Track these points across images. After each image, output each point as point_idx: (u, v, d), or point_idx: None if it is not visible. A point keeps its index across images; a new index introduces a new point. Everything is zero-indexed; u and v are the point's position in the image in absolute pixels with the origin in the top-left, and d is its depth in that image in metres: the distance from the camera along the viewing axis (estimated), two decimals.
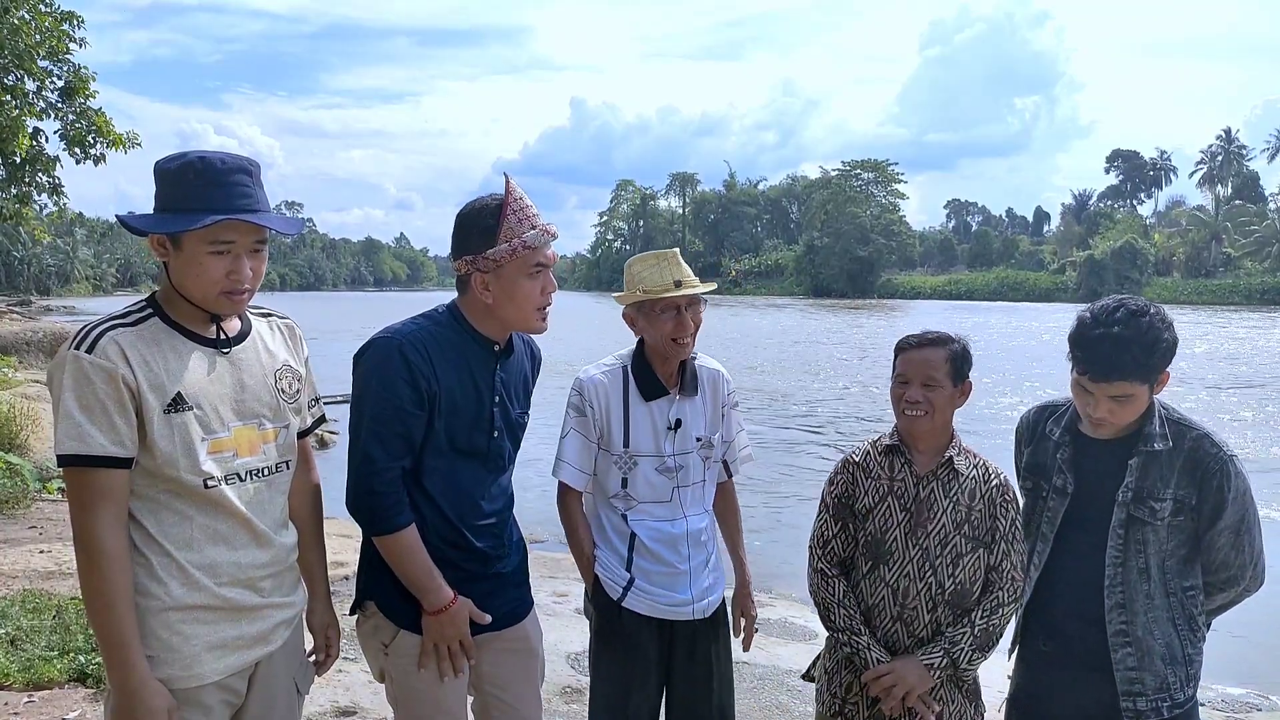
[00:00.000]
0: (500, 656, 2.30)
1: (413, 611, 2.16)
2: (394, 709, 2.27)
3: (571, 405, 2.61)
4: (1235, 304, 61.88)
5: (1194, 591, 2.23)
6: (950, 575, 2.28)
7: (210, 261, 1.81)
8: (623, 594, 2.60)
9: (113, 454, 1.73)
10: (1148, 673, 2.19)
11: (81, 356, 1.72)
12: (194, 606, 1.83)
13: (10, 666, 3.89)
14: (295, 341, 2.11)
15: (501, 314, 2.19)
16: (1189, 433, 2.20)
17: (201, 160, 1.81)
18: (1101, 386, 2.13)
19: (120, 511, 1.76)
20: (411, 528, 2.10)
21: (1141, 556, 2.20)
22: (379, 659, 2.24)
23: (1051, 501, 2.32)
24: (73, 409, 1.71)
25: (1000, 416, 12.90)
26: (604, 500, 2.65)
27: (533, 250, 2.13)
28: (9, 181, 10.22)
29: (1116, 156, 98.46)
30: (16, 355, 16.29)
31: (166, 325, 1.84)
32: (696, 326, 2.57)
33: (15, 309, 35.40)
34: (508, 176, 2.17)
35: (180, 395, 1.80)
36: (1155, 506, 2.18)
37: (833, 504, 2.44)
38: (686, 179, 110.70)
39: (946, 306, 62.00)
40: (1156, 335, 2.10)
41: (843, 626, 2.35)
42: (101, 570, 1.73)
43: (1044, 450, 2.36)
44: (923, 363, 2.29)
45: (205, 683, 1.85)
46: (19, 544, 6.21)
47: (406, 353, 2.09)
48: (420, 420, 2.11)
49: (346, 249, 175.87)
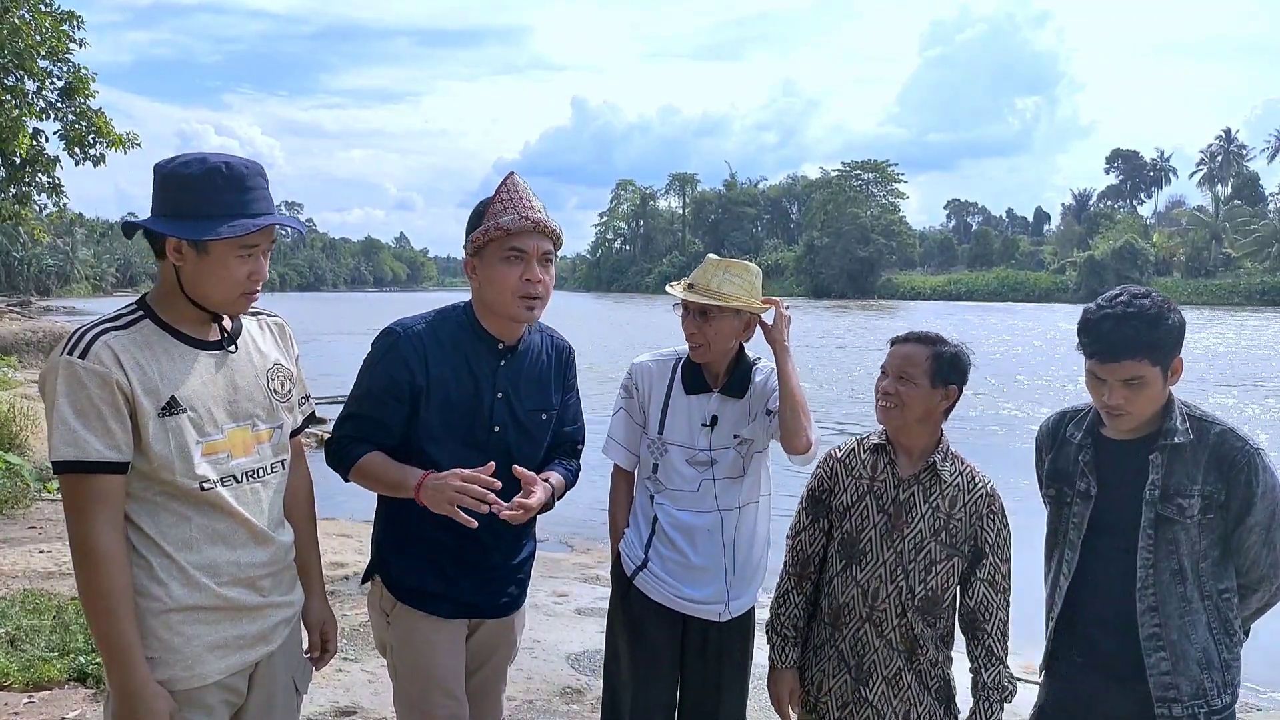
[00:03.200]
0: (486, 637, 2.42)
1: (407, 586, 2.30)
2: (393, 678, 2.36)
3: (622, 386, 2.74)
4: (1235, 304, 61.90)
5: (1229, 594, 2.16)
6: (922, 581, 2.29)
7: (236, 265, 1.84)
8: (634, 573, 2.64)
9: (109, 459, 1.72)
10: (1183, 678, 2.11)
11: (75, 361, 1.71)
12: (195, 607, 1.83)
13: (10, 666, 3.89)
14: (285, 340, 2.12)
15: (487, 300, 2.26)
16: (1212, 428, 2.14)
17: (227, 166, 1.82)
18: (1111, 368, 2.08)
19: (117, 515, 1.76)
20: (368, 455, 2.23)
21: (1174, 557, 2.12)
22: (381, 629, 2.37)
23: (1076, 507, 2.25)
24: (68, 415, 1.70)
25: (1007, 422, 12.89)
26: (640, 480, 2.74)
27: (507, 234, 2.18)
28: (9, 181, 10.23)
29: (1116, 156, 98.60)
30: (16, 355, 16.30)
31: (158, 327, 1.84)
32: (711, 335, 2.54)
33: (15, 309, 35.39)
34: (513, 173, 2.28)
35: (174, 399, 1.80)
36: (1183, 504, 2.11)
37: (807, 497, 2.47)
38: (686, 179, 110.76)
39: (957, 307, 61.95)
40: (1160, 312, 2.06)
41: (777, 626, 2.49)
42: (100, 574, 1.72)
43: (1065, 455, 2.30)
44: (903, 357, 2.30)
45: (207, 683, 1.85)
46: (19, 544, 6.21)
47: (400, 345, 2.24)
48: (398, 410, 2.24)
49: (346, 249, 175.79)
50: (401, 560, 2.30)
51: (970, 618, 2.34)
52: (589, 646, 4.88)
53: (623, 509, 2.76)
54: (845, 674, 2.37)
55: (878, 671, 2.34)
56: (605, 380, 16.86)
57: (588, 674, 4.52)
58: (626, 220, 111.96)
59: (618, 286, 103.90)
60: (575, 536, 7.84)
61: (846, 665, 2.37)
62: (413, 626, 2.28)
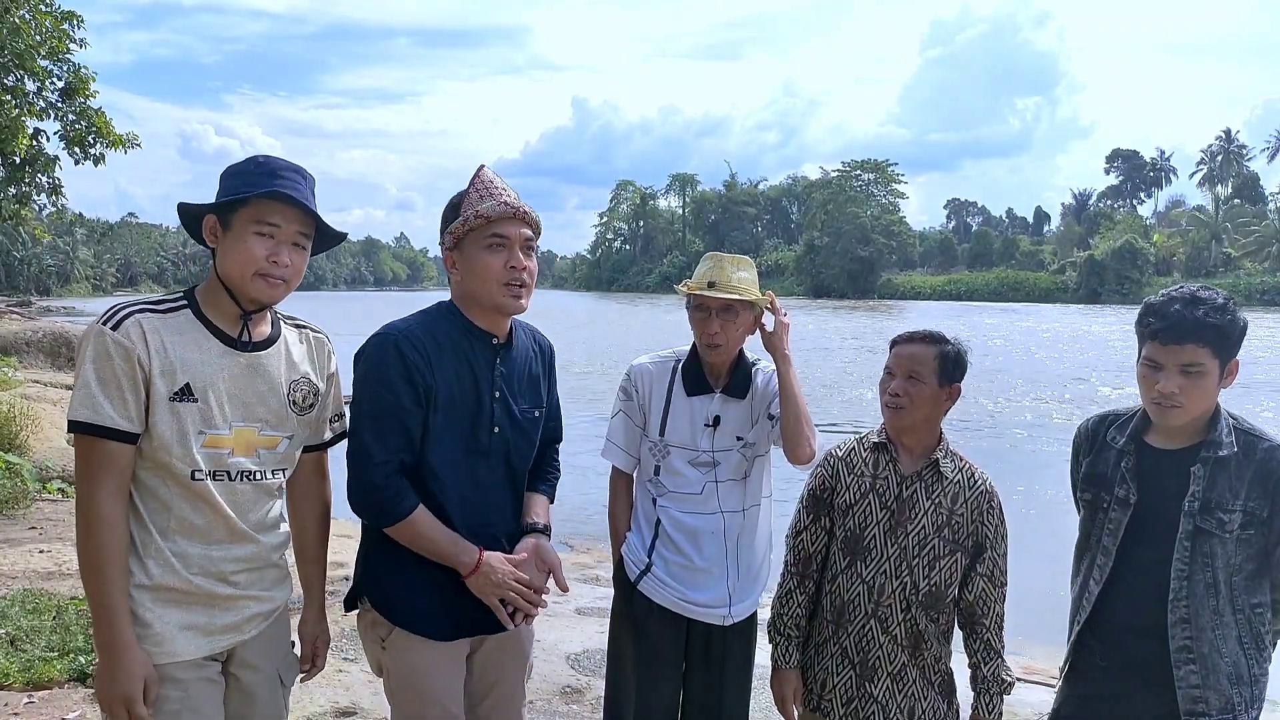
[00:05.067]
0: (492, 654, 2.31)
1: (404, 610, 2.18)
2: (390, 702, 2.28)
3: (620, 388, 2.72)
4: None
5: (1261, 609, 2.13)
6: (926, 576, 2.30)
7: (254, 241, 1.90)
8: (639, 577, 2.63)
9: (120, 428, 1.82)
10: (1212, 691, 2.08)
11: (106, 332, 1.82)
12: (168, 588, 1.90)
13: (10, 666, 3.88)
14: (322, 355, 2.15)
15: (472, 290, 2.20)
16: (1260, 443, 2.11)
17: (265, 156, 1.99)
18: (1174, 351, 2.05)
19: (122, 483, 1.85)
20: (419, 510, 2.10)
21: (1209, 570, 2.09)
22: (377, 653, 2.26)
23: (1114, 513, 2.21)
24: (90, 379, 1.81)
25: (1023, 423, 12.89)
26: (641, 482, 2.72)
27: (488, 221, 2.14)
28: (9, 181, 10.20)
29: (1116, 156, 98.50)
30: (16, 355, 16.26)
31: (195, 319, 1.92)
32: (732, 334, 2.54)
33: (15, 309, 35.34)
34: (483, 165, 2.24)
35: (189, 386, 1.88)
36: (1224, 518, 2.08)
37: (808, 496, 2.47)
38: (687, 179, 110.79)
39: (959, 307, 61.90)
40: (1228, 304, 2.07)
41: (780, 628, 2.48)
42: (98, 535, 1.82)
43: (1105, 460, 2.26)
44: (909, 357, 2.31)
45: (176, 659, 1.90)
46: (19, 544, 6.20)
47: (403, 349, 2.10)
48: (417, 416, 2.11)
49: (346, 249, 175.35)
50: (397, 582, 2.17)
51: (969, 612, 2.35)
52: (589, 646, 4.88)
53: (623, 512, 2.74)
54: (849, 671, 2.38)
55: (882, 667, 2.34)
56: (607, 381, 16.86)
57: (588, 674, 4.51)
58: (627, 220, 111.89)
59: (618, 286, 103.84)
60: (575, 536, 7.84)
61: (851, 662, 2.37)
62: (410, 649, 2.18)
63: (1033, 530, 6.95)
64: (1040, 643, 4.86)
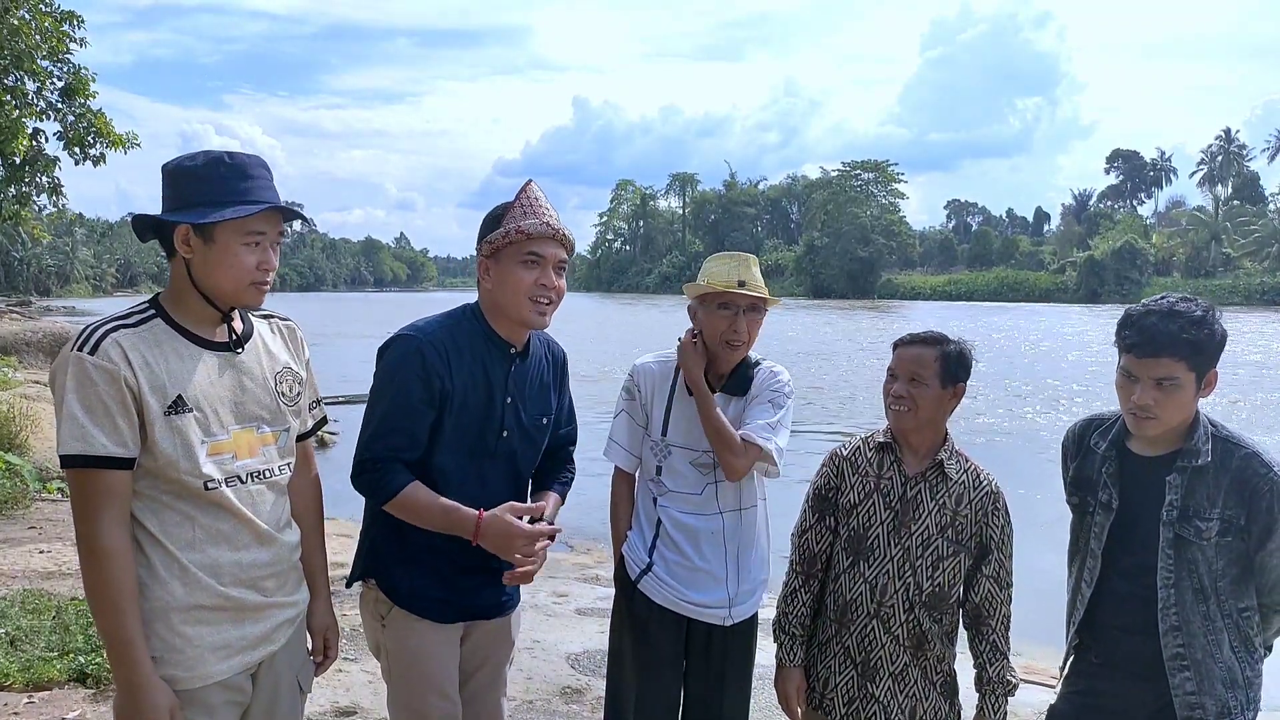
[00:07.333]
0: (481, 640, 2.40)
1: (406, 590, 2.25)
2: (389, 683, 2.33)
3: (623, 388, 2.72)
4: (1235, 304, 61.80)
5: (1249, 612, 2.14)
6: (929, 577, 2.30)
7: (244, 253, 1.85)
8: (639, 576, 2.63)
9: (115, 454, 1.74)
10: (1208, 697, 2.09)
11: (84, 357, 1.73)
12: (196, 607, 1.84)
13: (10, 667, 3.88)
14: (296, 343, 2.12)
15: (499, 301, 2.24)
16: (1237, 450, 2.11)
17: (230, 155, 1.87)
18: (1148, 364, 2.06)
19: (123, 511, 1.77)
20: (413, 485, 2.16)
21: (1195, 577, 2.11)
22: (376, 632, 2.33)
23: (1098, 517, 2.24)
24: (75, 409, 1.72)
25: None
26: (643, 482, 2.72)
27: (528, 237, 2.19)
28: (8, 182, 10.20)
29: (1116, 156, 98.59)
30: (16, 355, 16.27)
31: (169, 327, 1.86)
32: (754, 333, 2.57)
33: (15, 309, 35.35)
34: (531, 180, 2.29)
35: (181, 398, 1.81)
36: (1201, 526, 2.09)
37: (813, 495, 2.47)
38: (687, 179, 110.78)
39: (960, 307, 61.90)
40: (1206, 316, 2.06)
41: (785, 626, 2.48)
42: (106, 569, 1.74)
43: (1090, 464, 2.28)
44: (912, 359, 2.31)
45: (209, 683, 1.86)
46: (19, 544, 6.21)
47: (425, 351, 2.18)
48: (428, 417, 2.18)
49: (346, 249, 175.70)
50: (402, 567, 2.26)
51: (975, 613, 2.35)
52: (589, 646, 4.88)
53: (625, 512, 2.74)
54: (852, 670, 2.38)
55: (884, 667, 2.34)
56: (609, 381, 16.85)
57: (588, 674, 4.51)
58: (627, 220, 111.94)
59: (618, 287, 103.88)
60: (575, 536, 7.84)
61: (853, 661, 2.38)
62: (409, 630, 2.26)
63: (1033, 530, 6.95)
64: (1040, 643, 4.85)
